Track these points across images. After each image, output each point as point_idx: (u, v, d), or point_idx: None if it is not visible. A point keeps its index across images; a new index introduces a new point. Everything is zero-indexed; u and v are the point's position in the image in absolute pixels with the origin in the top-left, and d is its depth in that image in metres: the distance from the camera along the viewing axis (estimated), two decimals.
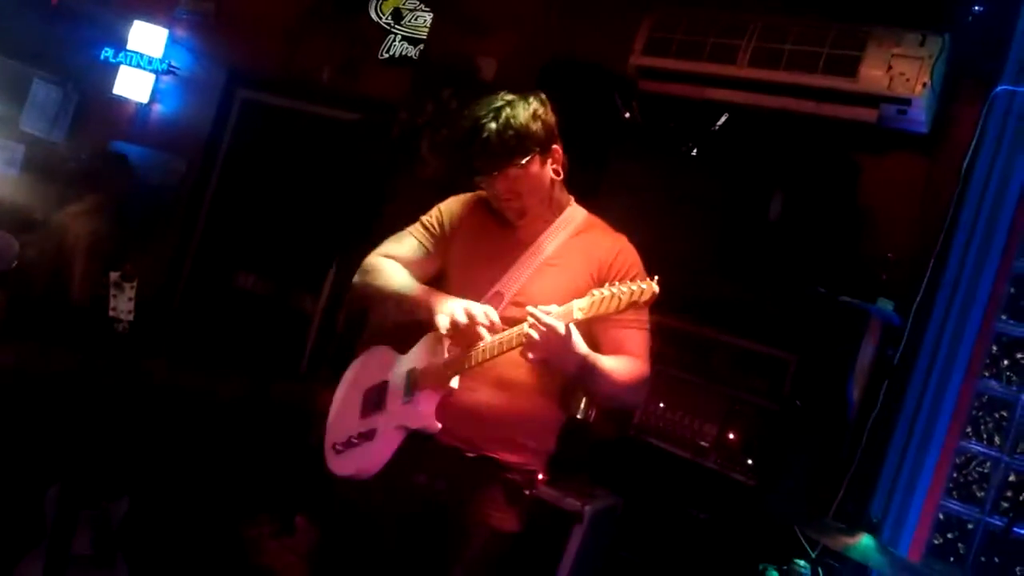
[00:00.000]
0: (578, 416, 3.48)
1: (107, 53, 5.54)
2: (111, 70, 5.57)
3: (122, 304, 3.06)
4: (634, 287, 2.06)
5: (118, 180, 4.69)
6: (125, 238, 5.07)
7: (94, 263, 4.10)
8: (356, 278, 2.58)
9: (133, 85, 5.56)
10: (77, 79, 5.69)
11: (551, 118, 2.39)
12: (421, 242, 2.58)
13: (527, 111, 2.33)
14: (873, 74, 3.32)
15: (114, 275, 3.05)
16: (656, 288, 2.06)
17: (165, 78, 5.63)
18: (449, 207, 2.60)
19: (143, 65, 5.52)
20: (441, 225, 2.58)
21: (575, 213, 2.54)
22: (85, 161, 5.40)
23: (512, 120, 2.30)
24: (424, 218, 2.61)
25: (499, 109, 2.32)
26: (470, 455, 2.40)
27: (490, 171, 2.35)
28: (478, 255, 2.49)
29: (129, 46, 5.52)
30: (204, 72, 5.61)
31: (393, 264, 2.54)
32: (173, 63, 5.58)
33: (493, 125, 2.29)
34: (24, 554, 3.07)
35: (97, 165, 4.79)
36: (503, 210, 2.45)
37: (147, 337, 4.86)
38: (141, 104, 5.64)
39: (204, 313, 5.38)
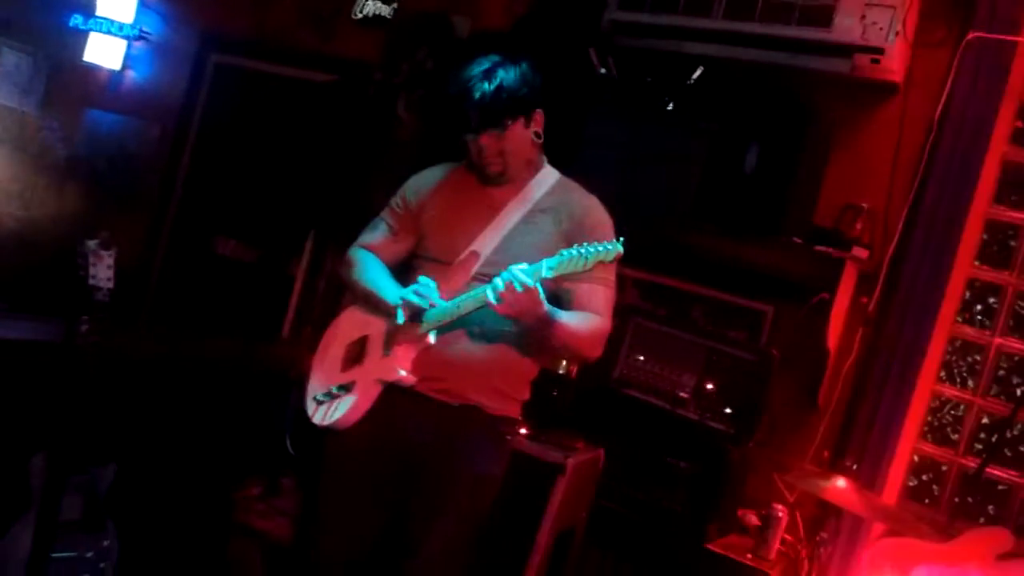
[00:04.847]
0: (559, 372, 3.53)
1: (76, 20, 5.44)
2: (81, 37, 5.49)
3: (101, 272, 3.06)
4: (600, 248, 2.13)
5: None
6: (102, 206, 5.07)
7: None
8: (340, 270, 2.72)
9: (104, 52, 5.47)
10: (47, 47, 5.60)
11: (539, 83, 2.47)
12: (390, 225, 2.67)
13: (518, 74, 2.42)
14: (847, 24, 3.32)
15: (91, 243, 3.05)
16: (621, 249, 2.13)
17: (137, 44, 5.54)
18: (413, 183, 2.68)
19: (114, 31, 5.43)
20: (406, 203, 2.65)
21: (549, 174, 2.60)
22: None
23: (504, 82, 2.38)
24: (392, 200, 2.70)
25: (491, 70, 2.40)
26: (453, 404, 2.46)
27: (479, 130, 2.41)
28: (453, 218, 2.55)
29: (99, 12, 5.41)
30: (176, 37, 5.54)
31: (366, 257, 2.65)
32: (144, 28, 5.50)
33: (486, 86, 2.37)
34: (12, 522, 3.09)
35: None
36: (484, 167, 2.49)
37: (128, 304, 4.86)
38: (113, 71, 5.56)
39: (184, 279, 5.36)
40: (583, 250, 2.14)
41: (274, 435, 3.71)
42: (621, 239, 2.16)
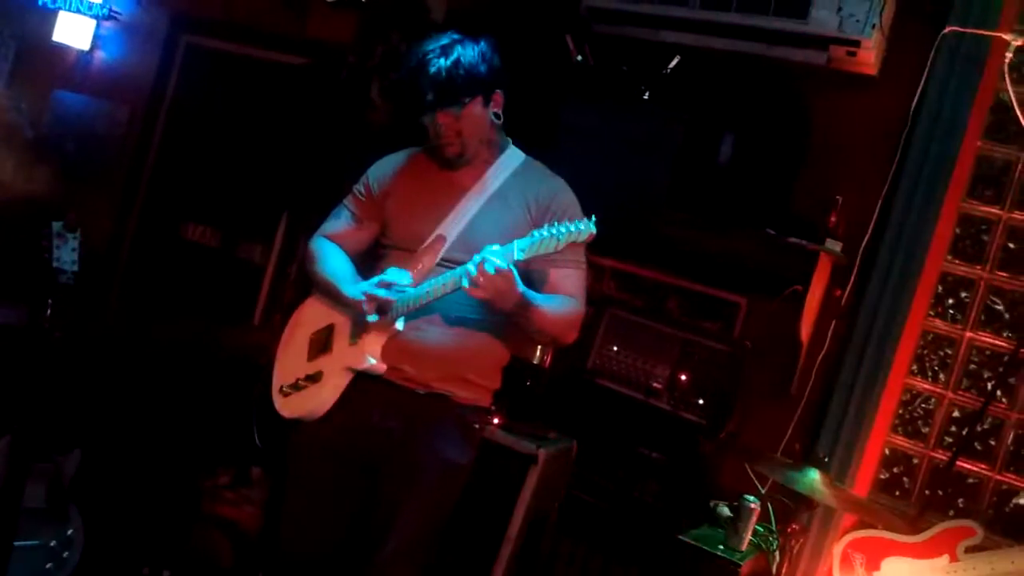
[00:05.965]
0: (534, 362, 3.51)
1: None
2: (50, 16, 5.39)
3: (66, 255, 3.00)
4: (572, 228, 2.10)
5: None
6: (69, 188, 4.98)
7: None
8: (303, 261, 2.70)
9: (73, 32, 5.39)
10: (14, 26, 5.50)
11: (498, 63, 2.42)
12: (353, 212, 2.63)
13: (476, 52, 2.36)
14: (823, 16, 3.31)
15: (56, 225, 2.99)
16: (594, 229, 2.10)
17: (106, 24, 5.46)
18: (376, 170, 2.63)
19: (83, 10, 5.34)
20: (369, 190, 2.60)
21: (513, 155, 2.56)
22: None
23: (462, 59, 2.33)
24: (355, 187, 2.65)
25: (449, 47, 2.34)
26: (421, 392, 2.42)
27: (434, 107, 2.36)
28: (418, 202, 2.50)
29: None
30: (146, 17, 5.45)
31: (327, 248, 2.61)
32: (114, 8, 5.41)
33: (442, 61, 2.32)
34: None
35: None
36: (441, 148, 2.44)
37: (95, 288, 4.79)
38: (82, 51, 5.47)
39: (153, 264, 5.29)
40: (555, 230, 2.10)
41: (244, 423, 3.67)
42: (593, 218, 2.12)
